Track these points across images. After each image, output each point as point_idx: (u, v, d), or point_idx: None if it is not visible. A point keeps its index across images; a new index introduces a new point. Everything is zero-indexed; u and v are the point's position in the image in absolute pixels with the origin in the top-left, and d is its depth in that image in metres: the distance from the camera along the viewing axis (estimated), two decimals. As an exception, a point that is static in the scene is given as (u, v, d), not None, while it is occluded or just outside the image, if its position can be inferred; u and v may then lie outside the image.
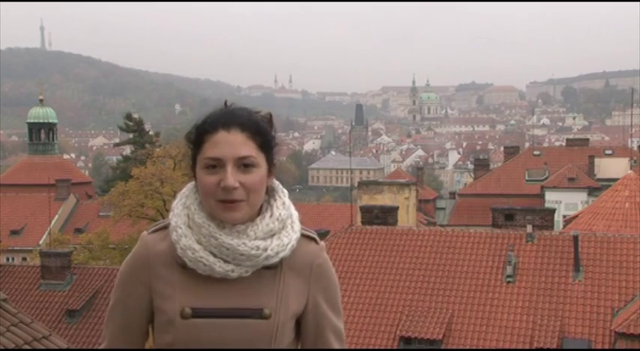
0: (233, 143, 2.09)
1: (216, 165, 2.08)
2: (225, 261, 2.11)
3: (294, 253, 2.18)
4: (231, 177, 2.06)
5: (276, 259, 2.13)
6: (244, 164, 2.09)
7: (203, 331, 2.11)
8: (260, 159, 2.12)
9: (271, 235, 2.14)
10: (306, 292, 2.22)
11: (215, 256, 2.11)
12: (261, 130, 2.14)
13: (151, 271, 2.18)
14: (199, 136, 2.13)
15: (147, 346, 2.32)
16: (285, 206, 2.21)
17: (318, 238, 2.28)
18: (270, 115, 2.22)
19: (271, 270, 2.17)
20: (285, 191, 2.25)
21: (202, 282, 2.13)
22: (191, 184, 2.23)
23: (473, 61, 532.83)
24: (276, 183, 2.24)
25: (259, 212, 2.17)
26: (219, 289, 2.13)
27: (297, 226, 2.21)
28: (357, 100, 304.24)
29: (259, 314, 2.13)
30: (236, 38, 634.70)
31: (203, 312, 2.12)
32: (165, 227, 2.22)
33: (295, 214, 2.23)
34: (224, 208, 2.09)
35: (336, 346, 2.28)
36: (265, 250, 2.11)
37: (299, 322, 2.25)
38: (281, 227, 2.17)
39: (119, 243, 35.35)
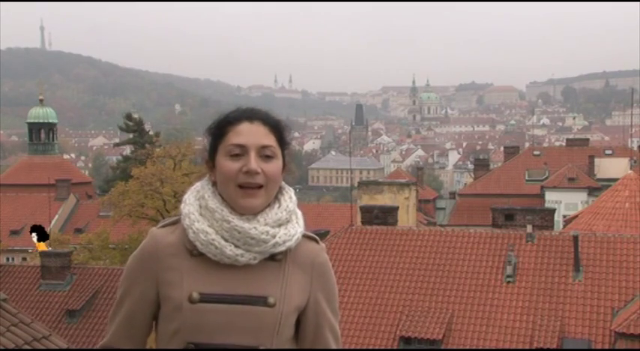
0: (256, 133, 2.23)
1: (240, 153, 2.21)
2: (236, 246, 2.20)
3: (297, 249, 2.29)
4: (255, 162, 2.20)
5: (283, 248, 2.24)
6: (266, 155, 2.22)
7: (210, 316, 2.18)
8: (278, 152, 2.26)
9: (279, 224, 2.26)
10: (308, 287, 2.30)
11: (226, 240, 2.20)
12: (280, 126, 2.29)
13: (159, 263, 2.26)
14: (223, 126, 2.26)
15: (149, 340, 2.35)
16: (292, 200, 2.33)
17: (319, 239, 2.38)
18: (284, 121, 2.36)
19: (276, 262, 2.26)
20: (292, 189, 2.38)
21: (210, 269, 2.22)
22: (203, 180, 2.33)
23: (473, 61, 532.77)
24: (283, 182, 2.36)
25: (268, 204, 2.28)
26: (226, 276, 2.22)
27: (302, 221, 2.34)
28: (357, 100, 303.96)
29: (264, 302, 2.20)
30: (236, 38, 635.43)
31: (210, 297, 2.20)
32: (174, 223, 2.32)
33: (299, 212, 2.36)
34: (243, 193, 2.21)
35: (333, 346, 2.35)
36: (274, 236, 2.22)
37: (298, 320, 2.31)
38: (288, 219, 2.28)
39: (119, 243, 35.34)
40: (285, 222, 2.27)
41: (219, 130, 2.25)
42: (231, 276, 2.21)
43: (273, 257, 2.24)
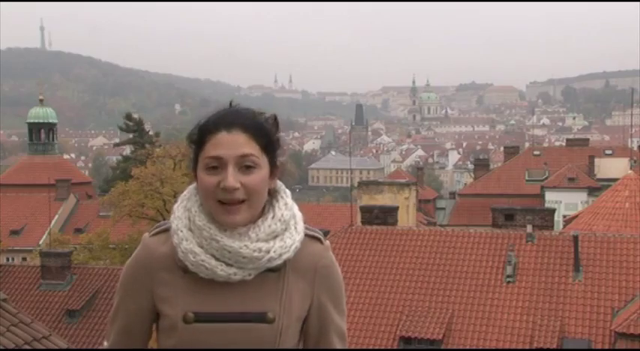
0: (234, 143, 2.04)
1: (218, 165, 2.04)
2: (228, 264, 2.06)
3: (298, 254, 2.13)
4: (232, 177, 2.02)
5: (279, 262, 2.09)
6: (246, 165, 2.04)
7: (206, 336, 2.09)
8: (262, 160, 2.07)
9: (274, 236, 2.10)
10: (310, 293, 2.18)
11: (217, 259, 2.06)
12: (264, 131, 2.09)
13: (153, 276, 2.15)
14: (201, 135, 2.08)
15: (150, 346, 2.32)
16: (287, 207, 2.16)
17: (323, 238, 2.23)
18: (275, 117, 2.17)
19: (275, 272, 2.12)
20: (288, 192, 2.20)
21: (204, 286, 2.10)
22: (192, 187, 2.18)
23: (473, 61, 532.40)
24: (279, 184, 2.18)
25: (261, 214, 2.12)
26: (221, 293, 2.10)
27: (301, 227, 2.16)
28: (357, 100, 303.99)
29: (262, 318, 2.09)
30: (236, 38, 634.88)
31: (206, 316, 2.09)
32: (167, 230, 2.17)
33: (299, 214, 2.19)
34: (224, 210, 2.05)
35: (339, 348, 2.26)
36: (268, 252, 2.06)
37: (303, 322, 2.22)
38: (284, 229, 2.12)
39: (119, 243, 35.35)
40: (282, 232, 2.11)
41: (198, 139, 2.09)
42: (226, 292, 2.09)
43: (271, 268, 2.10)
